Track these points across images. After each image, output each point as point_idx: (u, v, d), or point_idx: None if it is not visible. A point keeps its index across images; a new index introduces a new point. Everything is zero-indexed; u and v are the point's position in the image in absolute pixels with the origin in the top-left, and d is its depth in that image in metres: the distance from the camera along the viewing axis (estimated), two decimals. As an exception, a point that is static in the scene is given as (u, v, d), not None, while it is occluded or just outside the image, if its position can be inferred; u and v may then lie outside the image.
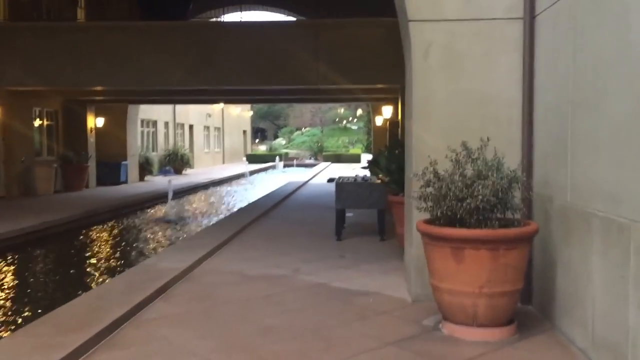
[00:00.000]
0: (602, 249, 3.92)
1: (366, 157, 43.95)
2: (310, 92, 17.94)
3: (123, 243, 11.99)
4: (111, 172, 22.27)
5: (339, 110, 71.15)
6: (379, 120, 21.00)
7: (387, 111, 14.74)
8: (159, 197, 18.62)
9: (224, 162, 42.89)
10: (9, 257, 10.15)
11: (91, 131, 21.05)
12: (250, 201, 17.91)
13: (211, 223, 13.81)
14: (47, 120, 19.66)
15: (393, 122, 19.40)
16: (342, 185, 9.47)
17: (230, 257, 8.11)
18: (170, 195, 15.26)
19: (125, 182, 22.78)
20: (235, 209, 16.70)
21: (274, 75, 14.42)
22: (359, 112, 70.93)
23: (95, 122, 21.28)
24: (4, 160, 17.22)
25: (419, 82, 5.77)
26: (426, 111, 5.74)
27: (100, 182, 21.73)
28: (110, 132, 22.45)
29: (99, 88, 17.18)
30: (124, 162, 22.63)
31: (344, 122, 69.49)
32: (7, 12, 16.57)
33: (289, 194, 17.33)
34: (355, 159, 44.69)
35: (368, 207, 9.73)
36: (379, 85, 15.45)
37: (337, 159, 44.77)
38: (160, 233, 12.89)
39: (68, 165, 19.53)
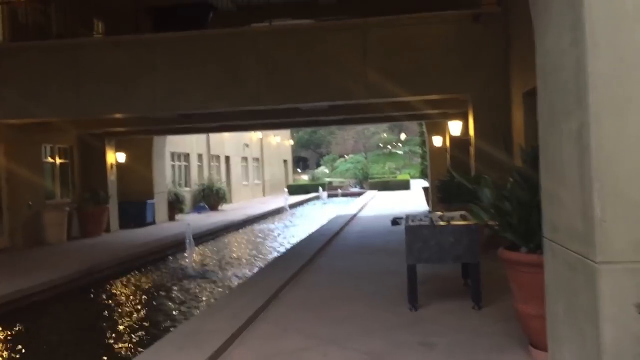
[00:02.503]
0: None
1: (419, 183, 40.73)
2: (357, 110, 15.15)
3: (103, 321, 8.73)
4: (136, 213, 19.91)
5: (382, 135, 68.39)
6: (436, 141, 18.06)
7: (454, 127, 11.89)
8: (194, 238, 16.10)
9: (264, 194, 40.45)
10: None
11: (111, 168, 18.79)
12: (290, 244, 15.14)
13: (239, 278, 11.04)
14: (59, 158, 17.47)
15: (457, 142, 16.40)
16: (414, 231, 6.57)
17: (255, 354, 5.28)
18: (189, 242, 12.53)
19: (153, 222, 20.39)
20: (270, 255, 13.91)
21: (312, 91, 11.72)
22: (403, 136, 68.15)
23: (115, 157, 19.02)
24: (7, 206, 14.98)
25: (600, 44, 2.89)
26: (619, 97, 2.86)
27: (124, 224, 19.38)
28: (134, 168, 20.16)
29: (112, 116, 14.82)
30: (149, 201, 20.27)
31: (389, 147, 66.60)
32: (7, 33, 14.46)
33: (336, 233, 14.48)
34: (404, 185, 41.63)
35: (454, 261, 6.79)
36: (443, 96, 12.54)
37: (385, 186, 41.73)
38: (167, 301, 9.79)
39: (84, 208, 17.22)
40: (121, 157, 19.22)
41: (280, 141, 46.73)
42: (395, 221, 7.35)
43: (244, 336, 5.77)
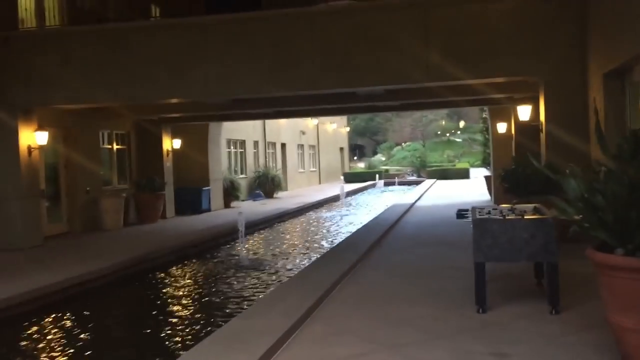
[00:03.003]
0: None
1: (479, 172, 39.33)
2: (415, 95, 14.42)
3: (145, 314, 8.33)
4: (191, 200, 19.85)
5: (441, 122, 66.80)
6: (501, 127, 17.08)
7: (523, 112, 10.96)
8: (248, 226, 15.85)
9: (320, 182, 40.10)
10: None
11: (167, 154, 18.75)
12: (345, 234, 14.64)
13: (292, 270, 10.62)
14: (117, 144, 17.54)
15: (523, 129, 15.44)
16: (483, 225, 5.92)
17: (306, 359, 4.82)
18: (242, 231, 12.13)
19: (208, 209, 20.30)
20: (325, 246, 13.44)
21: (370, 74, 11.12)
22: (462, 123, 66.33)
23: (172, 144, 18.97)
24: (66, 192, 15.12)
25: None
26: None
27: (180, 211, 19.37)
28: (190, 155, 20.10)
29: (166, 102, 14.71)
30: (205, 188, 20.17)
31: (447, 134, 64.99)
32: (65, 18, 14.46)
33: (393, 223, 13.87)
34: (463, 174, 40.38)
35: (529, 259, 6.12)
36: (511, 79, 11.69)
37: (443, 174, 40.56)
38: (216, 294, 9.34)
39: (141, 195, 17.24)
40: (177, 143, 19.16)
41: (336, 128, 46.20)
42: (460, 214, 6.72)
43: (295, 338, 5.31)
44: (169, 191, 18.52)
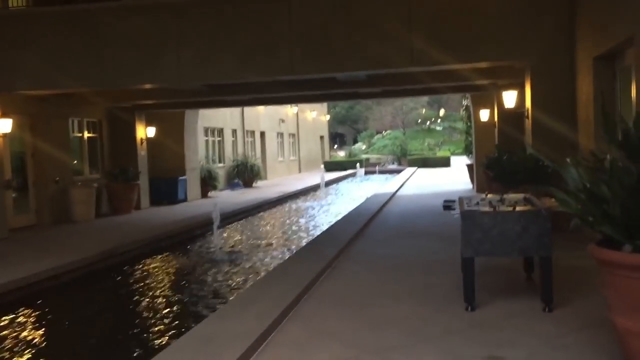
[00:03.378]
0: None
1: (460, 160, 39.12)
2: (397, 81, 13.97)
3: (107, 314, 7.91)
4: (167, 190, 19.28)
5: (421, 111, 66.60)
6: (483, 115, 16.75)
7: (509, 98, 10.56)
8: (223, 218, 15.31)
9: (300, 171, 39.63)
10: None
11: (142, 143, 18.12)
12: (325, 225, 14.23)
13: (268, 264, 10.17)
14: (88, 133, 16.87)
15: (506, 116, 15.15)
16: (473, 217, 5.53)
17: (283, 365, 4.40)
18: (216, 224, 11.61)
19: (185, 199, 19.74)
20: (304, 237, 13.00)
21: (350, 59, 10.65)
22: (442, 111, 66.23)
23: (146, 132, 18.33)
24: (33, 182, 14.46)
25: None
26: None
27: (155, 201, 18.79)
28: (165, 144, 19.49)
29: (137, 87, 14.11)
30: (181, 178, 19.59)
31: (428, 122, 64.83)
32: None
33: (375, 213, 13.49)
34: (444, 162, 40.21)
35: (521, 254, 5.76)
36: (496, 64, 11.34)
37: (424, 162, 40.33)
38: (187, 292, 8.74)
39: (114, 185, 16.62)
40: (151, 131, 18.53)
41: (316, 117, 45.71)
42: (447, 205, 6.33)
43: (271, 342, 4.88)
44: (143, 181, 17.94)
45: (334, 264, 8.05)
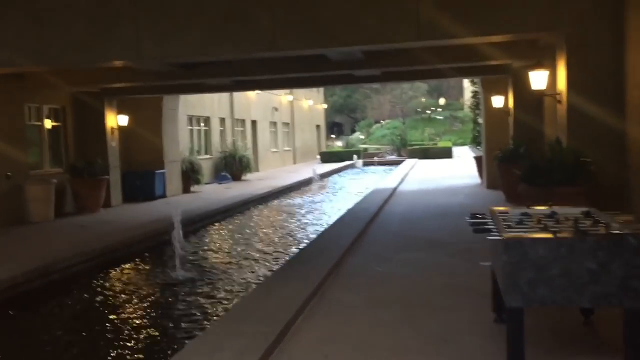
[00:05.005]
0: None
1: (462, 152, 37.19)
2: (398, 62, 12.02)
3: None
4: (143, 185, 17.37)
5: (421, 99, 64.60)
6: (497, 101, 14.80)
7: (537, 79, 8.60)
8: (197, 220, 13.40)
9: (295, 162, 37.68)
10: None
11: (112, 133, 16.17)
12: (315, 228, 12.29)
13: (237, 291, 8.19)
14: (50, 121, 14.93)
15: (523, 103, 13.26)
16: (522, 247, 3.64)
17: None
18: (177, 234, 9.02)
19: (163, 195, 17.84)
20: (289, 247, 10.97)
21: (344, 32, 8.73)
22: (442, 100, 64.30)
23: (117, 120, 16.38)
24: (-20, 177, 12.56)
25: None
26: None
27: (130, 197, 16.89)
28: (141, 134, 17.55)
29: (89, 66, 12.20)
30: (159, 171, 17.67)
31: (428, 112, 62.89)
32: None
33: (373, 215, 11.60)
34: (446, 153, 38.26)
35: (594, 302, 3.86)
36: (519, 36, 9.38)
37: (425, 153, 38.34)
38: (126, 331, 6.54)
39: (78, 180, 14.69)
40: (124, 120, 16.57)
41: (312, 105, 43.72)
42: (477, 223, 4.42)
43: None
44: (114, 175, 16.03)
45: (321, 290, 6.18)
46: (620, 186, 7.68)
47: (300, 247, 10.06)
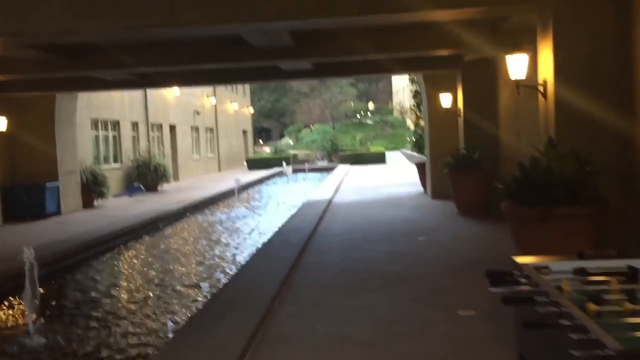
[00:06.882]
0: None
1: (396, 156, 35.66)
2: (338, 49, 9.99)
3: None
4: (31, 201, 14.50)
5: (350, 104, 63.26)
6: (445, 100, 12.96)
7: (517, 65, 6.66)
8: (85, 247, 10.71)
9: (220, 170, 35.04)
10: None
11: (-13, 139, 13.31)
12: (232, 263, 9.77)
13: None
14: None
15: (473, 102, 11.55)
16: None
17: None
18: (31, 285, 6.07)
19: (57, 212, 15.01)
20: (189, 299, 7.84)
21: (260, 3, 6.56)
22: (371, 105, 63.30)
23: (-7, 124, 13.52)
24: None
25: None
26: None
27: (15, 216, 14.02)
28: (27, 140, 14.68)
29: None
30: (50, 184, 14.83)
31: (357, 116, 61.66)
32: None
33: (307, 238, 9.44)
34: (379, 158, 36.74)
35: None
36: (496, 8, 7.40)
37: (357, 159, 36.65)
38: None
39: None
40: (2, 123, 13.66)
41: (238, 109, 41.25)
42: (512, 299, 2.33)
43: None
44: (-10, 191, 13.14)
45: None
46: (625, 203, 5.89)
47: (213, 291, 7.63)
